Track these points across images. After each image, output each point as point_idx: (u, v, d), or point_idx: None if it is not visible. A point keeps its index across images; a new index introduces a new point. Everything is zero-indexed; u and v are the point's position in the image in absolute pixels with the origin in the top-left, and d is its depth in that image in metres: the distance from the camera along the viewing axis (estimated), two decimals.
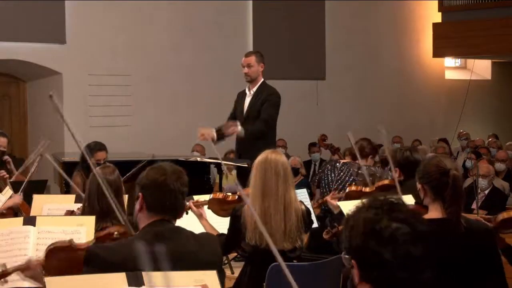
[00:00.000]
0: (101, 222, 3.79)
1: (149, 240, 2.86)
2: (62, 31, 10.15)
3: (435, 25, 15.38)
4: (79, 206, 4.51)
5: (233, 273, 4.62)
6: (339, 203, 4.76)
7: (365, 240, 1.90)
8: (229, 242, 4.19)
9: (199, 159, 7.69)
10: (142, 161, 6.39)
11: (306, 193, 5.62)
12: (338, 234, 4.21)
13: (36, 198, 4.87)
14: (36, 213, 4.62)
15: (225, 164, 7.07)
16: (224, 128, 6.54)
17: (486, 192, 8.01)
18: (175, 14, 11.39)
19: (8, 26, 9.65)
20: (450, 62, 16.55)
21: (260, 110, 6.62)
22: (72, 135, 3.58)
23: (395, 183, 4.36)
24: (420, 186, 3.26)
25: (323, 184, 6.57)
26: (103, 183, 3.59)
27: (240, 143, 6.82)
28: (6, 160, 6.70)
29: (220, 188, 7.28)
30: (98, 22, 10.57)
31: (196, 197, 4.66)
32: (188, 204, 4.37)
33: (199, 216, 4.40)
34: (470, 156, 10.28)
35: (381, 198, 1.97)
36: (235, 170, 8.22)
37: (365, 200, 1.99)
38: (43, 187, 6.80)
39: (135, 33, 10.93)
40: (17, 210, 5.26)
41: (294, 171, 7.11)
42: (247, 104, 6.71)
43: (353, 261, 1.95)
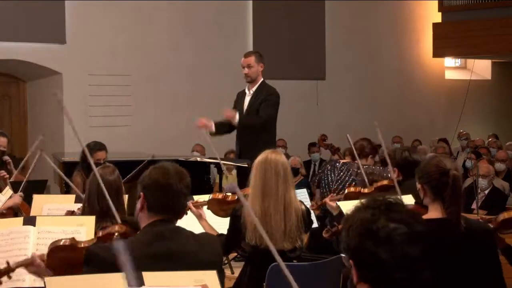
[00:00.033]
0: (101, 222, 3.79)
1: (149, 240, 2.86)
2: (62, 31, 10.15)
3: (435, 25, 15.37)
4: (79, 206, 4.51)
5: (233, 273, 4.62)
6: (339, 203, 4.76)
7: (362, 240, 1.90)
8: (229, 242, 4.18)
9: (199, 159, 7.69)
10: (142, 161, 6.40)
11: (306, 193, 5.62)
12: (337, 233, 4.21)
13: (36, 198, 4.87)
14: (36, 213, 4.62)
15: (225, 164, 7.07)
16: (223, 111, 6.57)
17: (486, 192, 8.01)
18: (175, 14, 11.40)
19: (8, 26, 9.65)
20: (450, 62, 16.55)
21: (259, 109, 6.63)
22: (75, 133, 3.58)
23: (394, 183, 4.36)
24: (420, 186, 3.26)
25: (323, 184, 6.57)
26: (102, 183, 3.59)
27: (241, 143, 6.82)
28: (6, 160, 6.70)
29: (220, 188, 7.27)
30: (98, 22, 10.57)
31: (196, 197, 4.64)
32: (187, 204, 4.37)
33: (199, 217, 4.40)
34: (470, 156, 10.28)
35: (379, 199, 1.97)
36: (235, 170, 8.23)
37: (363, 200, 1.99)
38: (43, 187, 6.79)
39: (135, 33, 10.93)
40: (17, 210, 5.26)
41: (294, 171, 7.11)
42: (246, 103, 6.71)
43: (351, 261, 1.95)
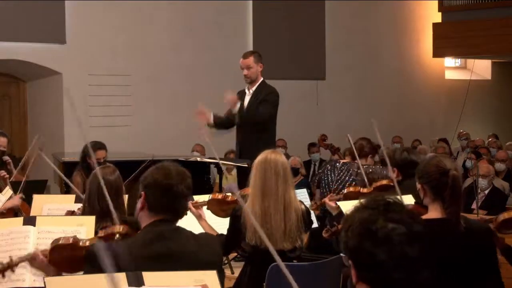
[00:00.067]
0: (101, 222, 3.79)
1: (149, 240, 2.86)
2: (62, 31, 10.15)
3: (435, 25, 15.37)
4: (79, 206, 4.51)
5: (233, 273, 4.61)
6: (339, 203, 4.76)
7: (360, 240, 1.90)
8: (229, 242, 4.18)
9: (199, 159, 7.69)
10: (142, 161, 6.40)
11: (306, 193, 5.62)
12: (337, 233, 4.20)
13: (36, 198, 4.87)
14: (36, 213, 4.62)
15: (225, 164, 7.07)
16: (226, 93, 6.58)
17: (486, 192, 8.01)
18: (175, 14, 11.39)
19: (8, 26, 9.65)
20: (450, 62, 16.55)
21: (258, 108, 6.63)
22: (82, 132, 3.61)
23: (393, 183, 4.36)
24: (420, 186, 3.26)
25: (323, 184, 6.56)
26: (102, 183, 3.59)
27: (240, 142, 6.83)
28: (6, 161, 6.70)
29: (220, 188, 7.27)
30: (98, 22, 10.57)
31: (195, 197, 4.64)
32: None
33: (198, 217, 4.39)
34: (470, 156, 10.27)
35: (378, 199, 1.96)
36: (235, 170, 8.23)
37: (363, 200, 1.99)
38: (43, 187, 6.79)
39: (135, 33, 10.93)
40: (17, 210, 5.27)
41: (294, 171, 7.11)
42: (246, 103, 6.71)
43: (350, 261, 1.95)
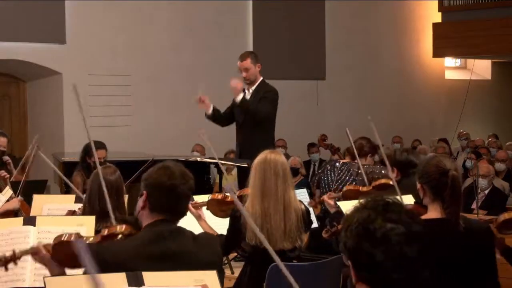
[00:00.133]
0: (101, 222, 3.79)
1: (150, 240, 2.86)
2: (62, 31, 10.15)
3: (435, 25, 15.37)
4: (79, 206, 4.51)
5: (233, 273, 4.61)
6: (339, 203, 4.76)
7: (359, 241, 1.90)
8: (229, 242, 4.18)
9: (199, 159, 7.69)
10: (143, 161, 6.39)
11: (306, 193, 5.63)
12: (337, 233, 4.20)
13: (36, 198, 4.87)
14: (36, 213, 4.62)
15: (225, 164, 7.06)
16: (232, 79, 6.59)
17: (486, 192, 8.00)
18: (175, 14, 11.39)
19: (8, 26, 9.65)
20: (450, 62, 16.55)
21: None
22: (86, 128, 3.63)
23: (392, 182, 4.37)
24: (420, 186, 3.26)
25: (323, 184, 6.56)
26: (103, 183, 3.60)
27: (240, 142, 6.83)
28: (6, 161, 6.70)
29: (220, 188, 7.27)
30: (98, 22, 10.57)
31: (195, 197, 4.64)
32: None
33: (198, 218, 4.39)
34: (470, 156, 10.27)
35: (377, 199, 1.96)
36: (235, 170, 8.23)
37: (362, 200, 1.99)
38: (43, 187, 6.80)
39: (135, 33, 10.93)
40: (17, 210, 5.27)
41: (294, 171, 7.10)
42: (242, 109, 6.70)
43: (349, 261, 1.95)
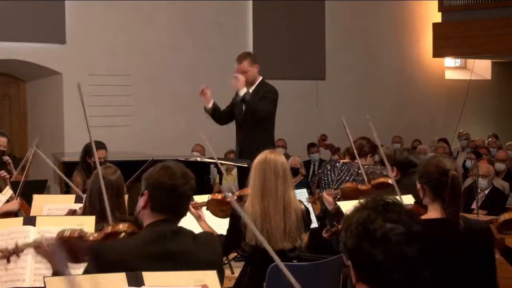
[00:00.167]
0: (101, 222, 3.79)
1: (150, 240, 2.86)
2: (62, 31, 10.15)
3: (435, 25, 15.37)
4: (80, 206, 4.51)
5: (233, 273, 4.61)
6: (339, 203, 4.76)
7: (359, 241, 1.90)
8: (229, 242, 4.18)
9: (199, 159, 7.69)
10: (143, 161, 6.39)
11: (306, 193, 5.62)
12: (337, 233, 4.20)
13: (36, 198, 4.86)
14: (36, 213, 4.61)
15: (225, 164, 7.06)
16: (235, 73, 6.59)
17: (486, 192, 8.00)
18: (175, 14, 11.39)
19: (8, 26, 9.65)
20: (450, 62, 16.55)
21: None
22: (87, 128, 3.63)
23: (391, 181, 4.37)
24: (420, 185, 3.26)
25: (323, 184, 6.55)
26: (102, 183, 3.60)
27: (241, 142, 6.83)
28: (6, 161, 6.70)
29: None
30: (98, 22, 10.57)
31: (195, 197, 4.63)
32: None
33: (198, 218, 4.39)
34: (470, 156, 10.27)
35: (377, 199, 1.96)
36: (235, 170, 8.23)
37: (362, 200, 1.99)
38: (43, 187, 6.79)
39: (135, 33, 10.93)
40: (17, 210, 5.28)
41: (294, 171, 7.10)
42: (242, 102, 6.70)
43: (349, 261, 1.95)
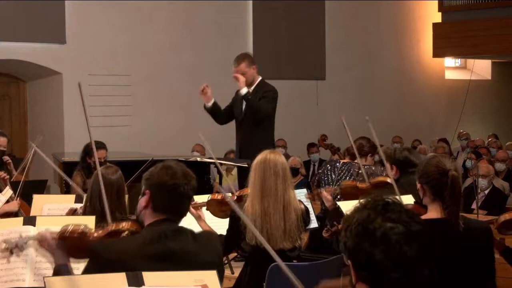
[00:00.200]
0: (102, 222, 3.79)
1: (151, 239, 2.86)
2: (62, 31, 10.15)
3: (435, 25, 15.37)
4: (80, 205, 4.51)
5: (233, 273, 4.61)
6: (339, 203, 4.76)
7: (358, 240, 1.90)
8: (228, 242, 4.18)
9: (199, 159, 7.69)
10: (143, 161, 6.40)
11: (306, 193, 5.61)
12: (337, 233, 4.20)
13: (36, 198, 4.86)
14: (36, 213, 4.61)
15: (225, 164, 7.05)
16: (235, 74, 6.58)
17: (486, 192, 8.01)
18: (175, 14, 11.39)
19: (8, 26, 9.65)
20: (450, 62, 16.55)
21: None
22: (88, 128, 3.63)
23: (390, 180, 4.37)
24: (420, 185, 3.26)
25: (323, 184, 6.55)
26: (102, 183, 3.60)
27: (241, 142, 6.82)
28: (6, 161, 6.71)
29: None
30: (98, 22, 10.57)
31: (195, 197, 4.63)
32: None
33: (198, 218, 4.39)
34: (470, 156, 10.27)
35: (377, 199, 1.97)
36: (235, 170, 8.22)
37: (362, 200, 1.99)
38: (43, 187, 6.80)
39: (135, 33, 10.93)
40: (16, 210, 5.28)
41: (294, 171, 7.11)
42: (245, 103, 6.70)
43: (349, 261, 1.95)
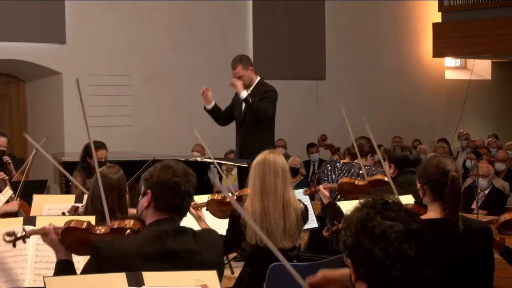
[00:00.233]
0: (102, 222, 3.78)
1: (154, 238, 2.87)
2: (62, 31, 10.15)
3: (435, 25, 15.37)
4: (80, 205, 4.51)
5: (233, 273, 4.62)
6: (339, 203, 4.77)
7: (358, 238, 1.91)
8: (228, 243, 4.18)
9: (199, 159, 7.69)
10: (144, 161, 6.39)
11: (304, 189, 5.60)
12: (337, 232, 4.20)
13: (36, 198, 4.86)
14: (36, 213, 4.61)
15: (224, 164, 7.05)
16: (233, 81, 6.59)
17: (486, 192, 8.01)
18: (175, 14, 11.39)
19: (8, 26, 9.65)
20: (450, 62, 16.55)
21: None
22: (86, 125, 3.63)
23: (387, 178, 4.38)
24: (420, 185, 3.26)
25: None
26: (101, 183, 3.59)
27: (241, 142, 6.83)
28: (6, 161, 6.71)
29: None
30: (98, 22, 10.57)
31: (195, 197, 4.63)
32: None
33: (198, 219, 4.39)
34: (470, 156, 10.27)
35: (376, 198, 1.98)
36: (235, 170, 8.22)
37: (362, 200, 2.00)
38: (43, 187, 6.80)
39: (135, 33, 10.93)
40: (16, 211, 5.28)
41: (294, 171, 7.11)
42: (244, 103, 6.70)
43: (348, 260, 1.95)
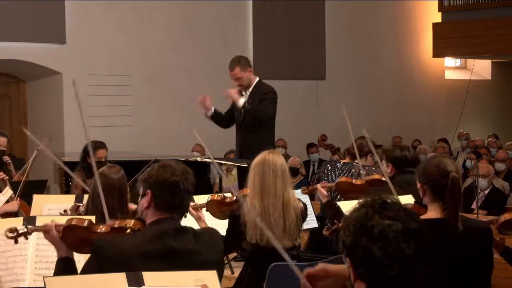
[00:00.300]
0: (102, 222, 3.78)
1: (154, 238, 2.87)
2: (62, 31, 10.15)
3: (435, 25, 15.37)
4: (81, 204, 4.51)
5: (233, 273, 4.62)
6: (339, 203, 4.77)
7: (357, 238, 1.91)
8: (227, 243, 4.17)
9: (199, 159, 7.69)
10: (144, 161, 6.40)
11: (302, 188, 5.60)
12: (337, 231, 4.20)
13: (36, 198, 4.86)
14: (36, 213, 4.61)
15: (224, 164, 7.05)
16: (228, 92, 6.58)
17: (486, 192, 8.01)
18: (175, 14, 11.39)
19: (8, 26, 9.65)
20: (450, 62, 16.55)
21: None
22: (83, 126, 3.63)
23: (385, 177, 4.38)
24: (420, 185, 3.26)
25: None
26: (102, 184, 3.59)
27: (241, 142, 6.83)
28: (6, 161, 6.71)
29: (220, 189, 7.27)
30: (98, 22, 10.57)
31: (195, 197, 4.63)
32: None
33: (198, 219, 4.39)
34: (470, 156, 10.26)
35: (375, 198, 1.98)
36: (235, 170, 8.22)
37: (361, 200, 2.00)
38: (43, 187, 6.80)
39: (135, 33, 10.93)
40: (16, 211, 5.28)
41: (294, 171, 7.11)
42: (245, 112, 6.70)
43: (347, 259, 1.96)
